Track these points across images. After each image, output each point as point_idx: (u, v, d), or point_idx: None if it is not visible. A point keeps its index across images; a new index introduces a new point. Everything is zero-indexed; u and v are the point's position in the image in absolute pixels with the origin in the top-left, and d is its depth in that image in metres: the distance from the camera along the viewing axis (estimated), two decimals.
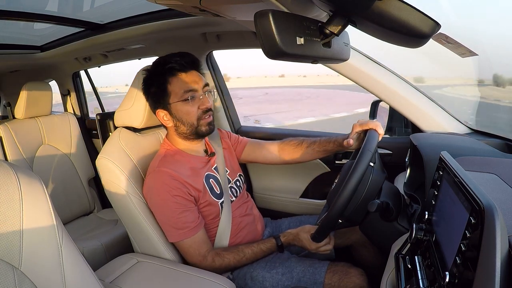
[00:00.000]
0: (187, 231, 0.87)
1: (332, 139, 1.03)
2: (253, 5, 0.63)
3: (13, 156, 1.58)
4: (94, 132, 1.97)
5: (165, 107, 0.93)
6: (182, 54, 0.93)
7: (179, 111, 0.92)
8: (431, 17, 0.46)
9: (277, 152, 1.12)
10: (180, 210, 0.87)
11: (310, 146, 1.07)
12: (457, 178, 0.49)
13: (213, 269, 0.89)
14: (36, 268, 0.53)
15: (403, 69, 7.02)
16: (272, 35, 0.47)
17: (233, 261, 0.91)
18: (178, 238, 0.88)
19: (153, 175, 0.90)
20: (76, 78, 2.07)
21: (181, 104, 0.91)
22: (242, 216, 1.02)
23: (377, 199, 0.74)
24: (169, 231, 0.89)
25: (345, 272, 0.86)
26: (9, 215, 0.52)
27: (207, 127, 0.94)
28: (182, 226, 0.87)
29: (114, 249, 1.41)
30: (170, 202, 0.87)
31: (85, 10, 1.27)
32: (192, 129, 0.93)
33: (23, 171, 0.57)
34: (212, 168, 1.00)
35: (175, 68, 0.90)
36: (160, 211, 0.89)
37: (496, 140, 0.99)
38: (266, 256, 0.96)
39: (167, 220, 0.88)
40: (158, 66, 0.93)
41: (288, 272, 0.90)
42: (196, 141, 0.99)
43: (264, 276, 0.91)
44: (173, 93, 0.91)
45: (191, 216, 0.88)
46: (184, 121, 0.92)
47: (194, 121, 0.92)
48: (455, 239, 0.43)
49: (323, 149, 1.06)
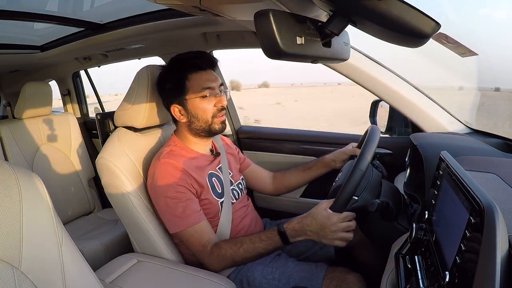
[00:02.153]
0: (190, 220, 0.87)
1: (319, 161, 1.16)
2: (253, 5, 0.63)
3: (13, 156, 1.58)
4: (94, 132, 1.97)
5: (181, 103, 0.94)
6: (202, 53, 0.96)
7: (196, 107, 0.93)
8: (431, 17, 0.46)
9: (270, 180, 1.22)
10: (183, 199, 0.87)
11: (296, 169, 1.19)
12: (457, 178, 0.49)
13: (212, 261, 0.88)
14: (36, 268, 0.53)
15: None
16: (272, 35, 0.47)
17: (229, 251, 0.86)
18: (180, 227, 0.87)
19: (158, 166, 0.91)
20: (76, 78, 2.07)
21: (198, 100, 0.93)
22: (241, 218, 1.02)
23: (377, 199, 0.74)
24: (171, 220, 0.89)
25: (342, 279, 0.86)
26: (9, 215, 0.52)
27: (220, 125, 0.96)
28: (185, 215, 0.87)
29: (114, 249, 1.41)
30: (173, 191, 0.87)
31: (85, 10, 1.27)
32: (206, 126, 0.95)
33: (23, 171, 0.57)
34: (216, 168, 1.01)
35: (196, 65, 0.93)
36: (163, 201, 0.89)
37: (496, 140, 0.99)
38: (268, 249, 0.86)
39: (170, 209, 0.88)
40: (178, 63, 0.95)
41: (284, 278, 0.90)
42: (205, 139, 1.00)
43: (261, 282, 0.91)
44: (191, 89, 0.93)
45: (194, 205, 0.89)
46: (199, 118, 0.94)
47: (209, 118, 0.94)
48: (455, 239, 0.43)
49: (307, 168, 1.17)
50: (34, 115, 1.71)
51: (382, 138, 1.17)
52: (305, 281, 0.87)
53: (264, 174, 1.23)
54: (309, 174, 1.17)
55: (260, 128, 1.56)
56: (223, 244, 0.88)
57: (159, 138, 1.09)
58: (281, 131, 1.48)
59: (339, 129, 9.53)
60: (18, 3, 1.08)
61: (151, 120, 1.02)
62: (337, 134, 1.38)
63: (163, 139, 1.09)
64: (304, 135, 1.41)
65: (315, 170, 1.16)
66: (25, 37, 1.52)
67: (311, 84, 44.78)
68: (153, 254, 0.95)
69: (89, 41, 1.42)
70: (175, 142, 0.98)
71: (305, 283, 0.87)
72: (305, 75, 70.50)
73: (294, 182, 1.19)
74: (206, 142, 1.02)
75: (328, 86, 34.29)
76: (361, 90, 1.12)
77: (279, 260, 0.96)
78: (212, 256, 0.88)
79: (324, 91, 26.85)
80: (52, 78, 2.10)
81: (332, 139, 1.35)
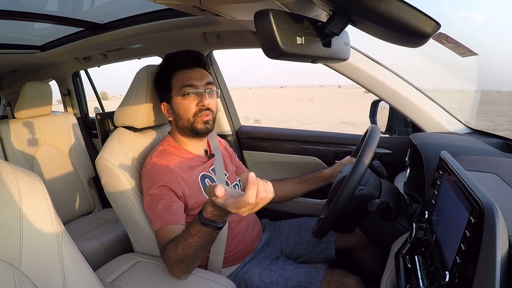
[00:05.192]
0: (164, 220, 0.82)
1: (317, 174, 1.12)
2: (253, 4, 0.63)
3: (13, 156, 1.58)
4: (94, 132, 1.97)
5: (168, 101, 0.96)
6: (188, 51, 0.97)
7: (178, 106, 0.93)
8: (431, 17, 0.46)
9: None
10: (165, 199, 0.84)
11: (291, 180, 1.15)
12: (457, 178, 0.49)
13: (167, 265, 0.81)
14: (36, 268, 0.53)
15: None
16: (272, 35, 0.47)
17: (172, 253, 0.77)
18: (156, 226, 0.83)
19: (148, 164, 0.91)
20: (76, 78, 2.07)
21: (180, 99, 0.93)
22: (237, 221, 0.99)
23: (377, 199, 0.74)
24: (151, 218, 0.86)
25: (341, 282, 0.85)
26: (9, 215, 0.52)
27: (202, 125, 0.93)
28: (161, 215, 0.82)
29: (114, 249, 1.41)
30: (156, 190, 0.85)
31: (85, 10, 1.27)
32: (188, 125, 0.93)
33: (23, 171, 0.57)
34: (209, 169, 0.99)
35: (179, 63, 0.94)
36: (147, 198, 0.86)
37: (496, 139, 0.99)
38: (204, 239, 0.72)
39: (151, 207, 0.85)
40: (166, 61, 0.97)
41: (283, 281, 0.90)
42: (195, 140, 0.98)
43: (259, 285, 0.90)
44: (175, 87, 0.93)
45: (174, 207, 0.84)
46: (181, 116, 0.93)
47: (190, 117, 0.93)
48: (455, 239, 0.43)
49: (303, 181, 1.13)
50: (34, 115, 1.71)
51: (382, 138, 1.17)
52: (304, 283, 0.87)
53: None
54: (306, 187, 1.13)
55: (260, 128, 1.56)
56: (167, 247, 0.79)
57: (159, 138, 1.09)
58: (281, 131, 1.48)
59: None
60: (18, 3, 1.08)
61: (151, 120, 1.02)
62: (337, 134, 1.38)
63: (162, 139, 1.09)
64: (304, 135, 1.41)
65: (312, 184, 1.12)
66: (25, 37, 1.52)
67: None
68: (153, 254, 0.95)
69: (89, 41, 1.41)
70: (169, 142, 0.98)
71: (303, 286, 0.87)
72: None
73: (289, 194, 1.14)
74: (199, 143, 1.00)
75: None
76: (313, 94, 1.11)
77: (277, 263, 0.96)
78: (165, 260, 0.81)
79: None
80: (52, 78, 2.10)
81: (332, 139, 1.35)
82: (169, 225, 0.81)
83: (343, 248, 1.09)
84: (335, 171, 1.08)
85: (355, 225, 0.85)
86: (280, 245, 1.10)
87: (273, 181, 1.17)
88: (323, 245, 1.08)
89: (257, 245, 1.04)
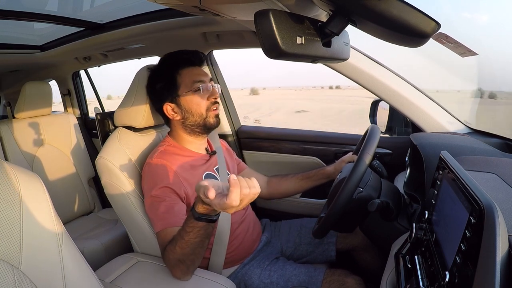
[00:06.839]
0: (166, 221, 0.82)
1: (320, 171, 1.12)
2: (253, 4, 0.63)
3: (13, 156, 1.58)
4: (94, 132, 1.97)
5: (173, 100, 0.94)
6: (190, 50, 0.98)
7: (189, 102, 0.93)
8: (431, 17, 0.46)
9: (265, 184, 1.17)
10: (167, 200, 0.84)
11: (294, 176, 1.15)
12: (457, 178, 0.49)
13: (168, 266, 0.82)
14: (36, 268, 0.53)
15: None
16: (272, 35, 0.47)
17: (171, 253, 0.77)
18: (158, 227, 0.83)
19: (149, 165, 0.90)
20: (76, 78, 2.07)
21: (191, 95, 0.93)
22: (238, 223, 0.99)
23: (377, 199, 0.74)
24: (152, 219, 0.85)
25: (341, 282, 0.85)
26: (9, 215, 0.52)
27: (214, 119, 0.96)
28: (164, 216, 0.82)
29: (114, 249, 1.41)
30: (158, 191, 0.84)
31: (85, 10, 1.27)
32: (201, 120, 0.94)
33: (23, 171, 0.57)
34: (213, 168, 1.00)
35: (185, 61, 0.95)
36: (149, 199, 0.86)
37: (496, 139, 0.99)
38: (201, 234, 0.72)
39: (153, 208, 0.85)
40: (168, 60, 0.97)
41: (282, 281, 0.89)
42: (200, 137, 0.99)
43: (259, 286, 0.90)
44: (183, 84, 0.93)
45: (177, 208, 0.84)
46: (193, 112, 0.94)
47: (204, 112, 0.94)
48: (455, 239, 0.43)
49: (306, 177, 1.13)
50: (34, 115, 1.71)
51: (382, 138, 1.17)
52: (304, 285, 0.87)
53: (258, 178, 1.18)
54: (308, 183, 1.13)
55: (260, 128, 1.56)
56: (167, 247, 0.79)
57: (159, 138, 1.09)
58: (281, 131, 1.48)
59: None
60: (18, 3, 1.08)
61: (151, 120, 1.02)
62: (337, 134, 1.38)
63: (162, 139, 1.09)
64: (304, 135, 1.41)
65: (315, 180, 1.12)
66: (25, 37, 1.52)
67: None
68: (153, 254, 0.95)
69: (89, 41, 1.41)
70: (169, 142, 0.97)
71: (304, 286, 0.87)
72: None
73: (292, 190, 1.15)
74: (202, 141, 1.01)
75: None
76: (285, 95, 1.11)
77: (277, 264, 0.96)
78: (166, 262, 0.81)
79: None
80: (52, 78, 2.10)
81: (332, 139, 1.35)
82: (171, 227, 0.81)
83: (344, 250, 1.09)
84: (337, 168, 1.09)
85: (355, 225, 0.85)
86: (280, 246, 1.10)
87: (276, 177, 1.18)
88: (323, 247, 1.08)
89: (257, 245, 1.04)
